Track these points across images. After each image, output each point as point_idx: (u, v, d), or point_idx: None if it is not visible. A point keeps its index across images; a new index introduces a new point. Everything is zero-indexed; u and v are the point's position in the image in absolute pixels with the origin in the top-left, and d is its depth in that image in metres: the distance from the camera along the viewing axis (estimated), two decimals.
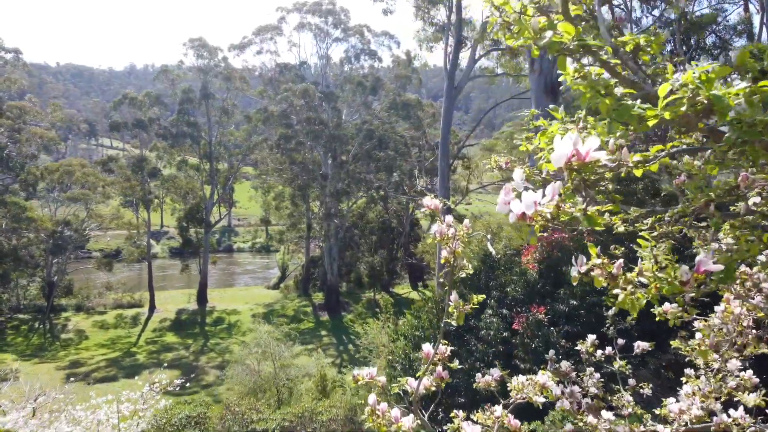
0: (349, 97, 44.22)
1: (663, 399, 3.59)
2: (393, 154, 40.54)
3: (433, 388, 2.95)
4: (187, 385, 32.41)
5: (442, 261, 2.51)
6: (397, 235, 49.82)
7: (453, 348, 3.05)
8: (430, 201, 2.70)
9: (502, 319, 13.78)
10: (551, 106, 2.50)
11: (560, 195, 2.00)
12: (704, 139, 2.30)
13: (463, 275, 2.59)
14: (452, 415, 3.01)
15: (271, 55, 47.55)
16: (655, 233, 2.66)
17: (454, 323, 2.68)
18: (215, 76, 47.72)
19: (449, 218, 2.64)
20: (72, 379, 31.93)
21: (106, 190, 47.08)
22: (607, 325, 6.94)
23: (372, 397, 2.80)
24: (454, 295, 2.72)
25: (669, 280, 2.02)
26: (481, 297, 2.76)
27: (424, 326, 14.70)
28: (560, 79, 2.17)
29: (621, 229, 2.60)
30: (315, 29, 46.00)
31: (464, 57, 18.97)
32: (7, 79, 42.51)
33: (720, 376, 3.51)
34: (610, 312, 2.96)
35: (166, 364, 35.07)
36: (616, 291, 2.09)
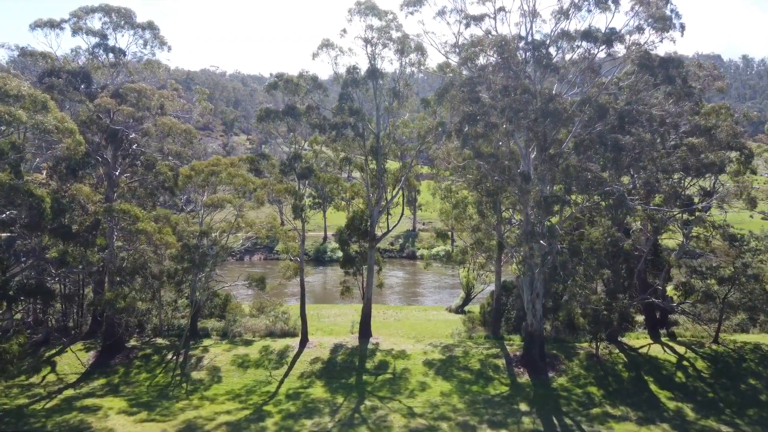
0: (567, 59, 29.84)
1: None
2: (649, 137, 25.35)
3: None
4: None
5: None
6: (632, 261, 34.06)
7: None
8: None
9: None
10: None
11: None
12: None
13: None
14: None
15: (456, 15, 35.00)
16: None
17: None
18: (384, 46, 36.95)
19: None
20: None
21: (258, 193, 39.15)
22: None
23: None
24: None
25: None
26: None
27: None
28: None
29: None
30: None
31: None
32: (148, 62, 36.49)
33: None
34: None
35: None
36: None
